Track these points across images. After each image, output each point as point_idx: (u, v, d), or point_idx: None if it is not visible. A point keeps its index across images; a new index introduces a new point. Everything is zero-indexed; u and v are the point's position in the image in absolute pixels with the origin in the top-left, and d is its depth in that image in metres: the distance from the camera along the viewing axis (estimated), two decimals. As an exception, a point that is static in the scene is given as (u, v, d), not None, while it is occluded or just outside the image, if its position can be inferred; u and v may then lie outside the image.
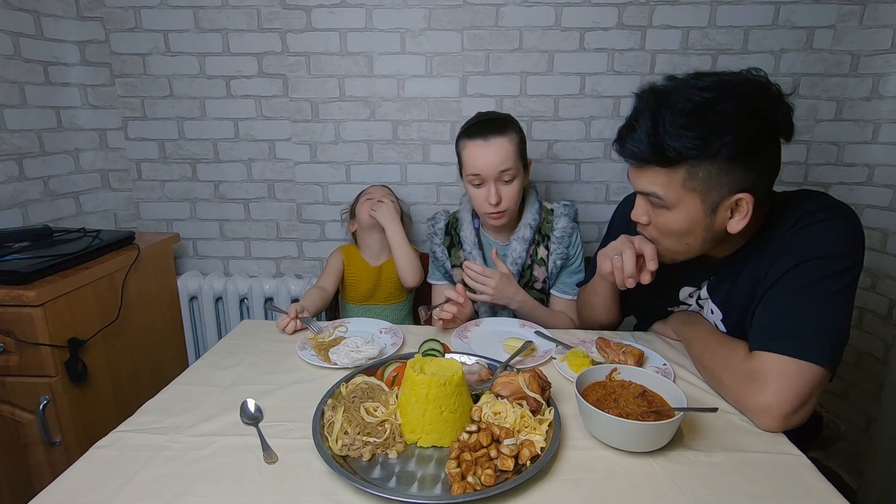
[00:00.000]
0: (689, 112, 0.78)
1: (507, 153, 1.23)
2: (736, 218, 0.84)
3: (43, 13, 1.60)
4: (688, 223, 0.86)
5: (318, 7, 1.65)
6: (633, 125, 0.84)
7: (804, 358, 0.78)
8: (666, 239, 0.91)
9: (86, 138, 1.75)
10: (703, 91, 0.79)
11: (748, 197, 0.81)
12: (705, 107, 0.77)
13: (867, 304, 1.71)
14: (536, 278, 1.34)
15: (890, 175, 1.65)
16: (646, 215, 0.91)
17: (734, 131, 0.77)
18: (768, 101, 0.80)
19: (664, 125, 0.79)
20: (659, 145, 0.80)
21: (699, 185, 0.81)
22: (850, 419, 1.75)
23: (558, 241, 1.32)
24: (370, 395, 0.82)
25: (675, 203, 0.84)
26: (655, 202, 0.87)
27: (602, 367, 0.84)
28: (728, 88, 0.79)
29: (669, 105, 0.79)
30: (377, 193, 1.62)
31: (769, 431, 0.79)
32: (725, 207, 0.83)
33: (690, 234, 0.87)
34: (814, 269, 0.81)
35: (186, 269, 1.90)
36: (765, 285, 0.86)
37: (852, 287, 0.82)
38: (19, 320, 1.18)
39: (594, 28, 1.64)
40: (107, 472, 0.69)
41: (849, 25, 1.60)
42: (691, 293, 1.05)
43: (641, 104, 0.84)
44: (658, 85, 0.85)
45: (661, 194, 0.84)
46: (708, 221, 0.85)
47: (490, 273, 1.23)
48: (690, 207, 0.84)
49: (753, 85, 0.80)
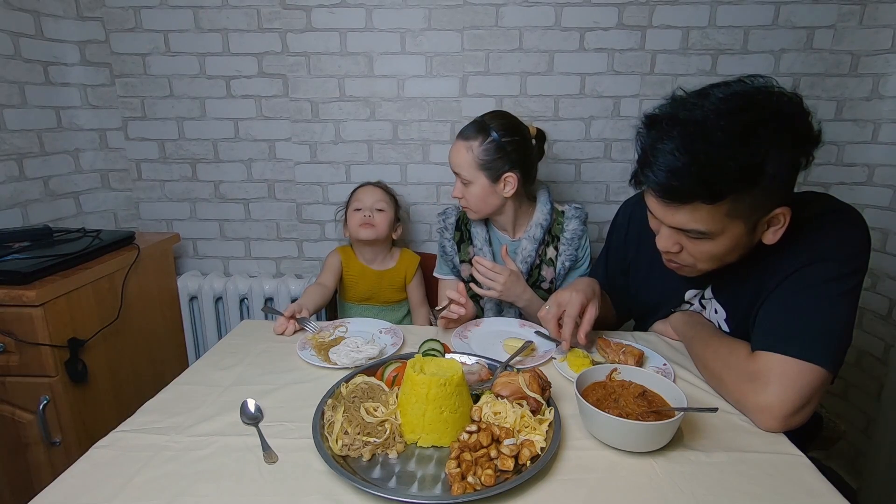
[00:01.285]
0: (731, 142, 0.72)
1: (462, 159, 1.29)
2: (772, 229, 0.82)
3: (43, 13, 1.60)
4: (732, 246, 0.82)
5: (318, 7, 1.65)
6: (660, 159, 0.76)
7: (806, 359, 0.78)
8: (703, 263, 0.87)
9: (86, 138, 1.75)
10: (732, 115, 0.73)
11: (786, 210, 0.79)
12: (746, 135, 0.72)
13: (867, 304, 1.71)
14: (544, 278, 1.35)
15: (890, 175, 1.65)
16: (677, 245, 0.86)
17: (780, 155, 0.73)
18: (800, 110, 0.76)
19: (709, 160, 0.72)
20: (704, 181, 0.74)
21: (744, 212, 0.78)
22: (850, 419, 1.75)
23: (568, 243, 1.33)
24: (370, 395, 0.82)
25: (718, 233, 0.80)
26: (694, 235, 0.82)
27: (602, 367, 0.84)
28: (759, 110, 0.73)
29: (705, 137, 0.73)
30: (368, 200, 1.56)
31: (770, 431, 0.78)
32: (764, 223, 0.81)
33: (730, 254, 0.85)
34: (820, 271, 0.81)
35: (186, 269, 1.90)
36: (770, 286, 0.86)
37: (857, 290, 0.82)
38: (19, 320, 1.18)
39: (594, 28, 1.64)
40: (107, 472, 0.69)
41: (849, 25, 1.60)
42: (695, 294, 1.05)
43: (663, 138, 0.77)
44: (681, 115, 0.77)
45: (705, 229, 0.79)
46: (748, 239, 0.83)
47: (499, 269, 1.23)
48: (734, 233, 0.80)
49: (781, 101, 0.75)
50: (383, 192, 1.60)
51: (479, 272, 1.24)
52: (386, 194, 1.61)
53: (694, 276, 0.93)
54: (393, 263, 1.64)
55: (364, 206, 1.56)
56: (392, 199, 1.61)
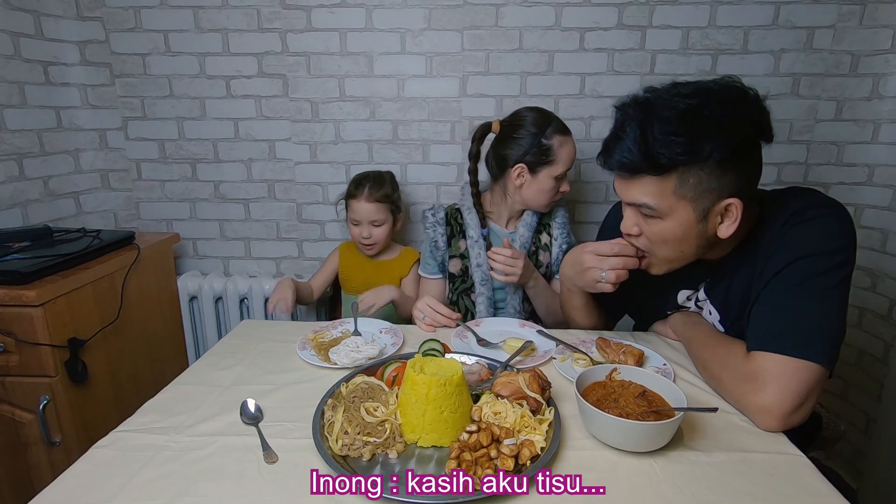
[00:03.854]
0: (676, 118, 0.79)
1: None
2: (726, 223, 0.85)
3: (43, 13, 1.60)
4: (681, 231, 0.86)
5: (318, 7, 1.65)
6: (619, 136, 0.85)
7: (802, 357, 0.78)
8: (660, 248, 0.91)
9: (86, 138, 1.75)
10: (686, 98, 0.80)
11: (737, 202, 0.83)
12: (692, 112, 0.79)
13: (867, 304, 1.71)
14: (541, 263, 1.43)
15: (890, 175, 1.65)
16: (636, 226, 0.92)
17: (723, 135, 0.79)
18: (750, 104, 0.82)
19: (653, 133, 0.80)
20: (650, 152, 0.80)
21: (690, 192, 0.82)
22: (850, 419, 1.75)
23: (561, 227, 1.43)
24: (370, 394, 0.82)
25: (667, 212, 0.85)
26: (647, 212, 0.87)
27: (602, 367, 0.84)
28: (710, 94, 0.81)
29: (655, 113, 0.81)
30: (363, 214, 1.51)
31: (769, 431, 0.79)
32: (715, 213, 0.84)
33: (684, 242, 0.88)
34: (807, 266, 0.82)
35: (186, 269, 1.90)
36: (759, 284, 0.86)
37: (846, 283, 0.83)
38: (19, 320, 1.18)
39: (594, 28, 1.64)
40: (107, 472, 0.69)
41: (849, 25, 1.60)
42: (689, 296, 1.05)
43: (625, 115, 0.85)
44: (640, 96, 0.86)
45: (653, 204, 0.85)
46: (700, 228, 0.85)
47: (517, 254, 1.28)
48: (683, 215, 0.85)
49: (734, 90, 0.82)
50: (378, 204, 1.52)
51: (499, 261, 1.28)
52: (380, 205, 1.53)
53: (658, 271, 0.95)
54: (392, 256, 1.65)
55: (361, 220, 1.53)
56: (388, 203, 1.55)
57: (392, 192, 1.58)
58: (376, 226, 1.54)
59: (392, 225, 1.58)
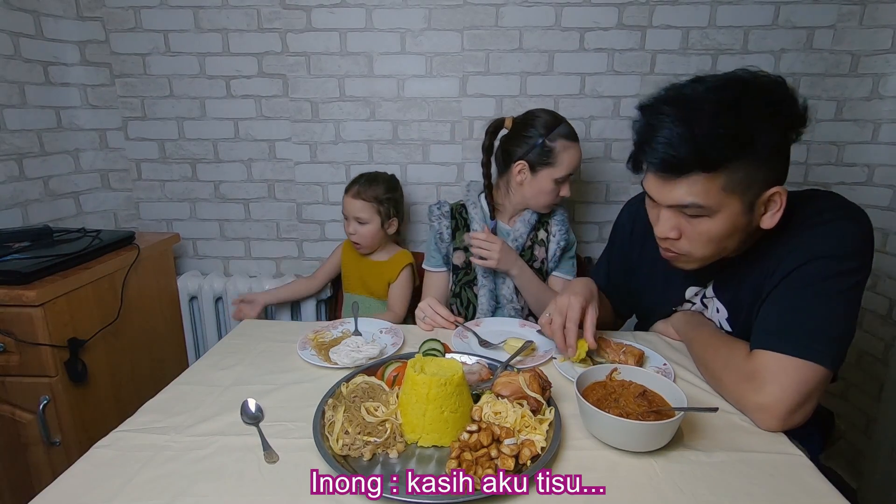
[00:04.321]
0: (722, 112, 0.75)
1: None
2: (770, 212, 0.82)
3: (43, 13, 1.60)
4: (729, 227, 0.82)
5: (318, 7, 1.65)
6: (656, 136, 0.79)
7: (803, 357, 0.77)
8: (702, 248, 0.86)
9: (86, 138, 1.75)
10: (720, 90, 0.77)
11: (782, 189, 0.80)
12: (736, 106, 0.76)
13: (867, 304, 1.71)
14: (536, 258, 1.45)
15: (890, 175, 1.65)
16: (675, 230, 0.86)
17: (770, 123, 0.76)
18: (785, 89, 0.79)
19: (700, 128, 0.75)
20: (699, 149, 0.76)
21: (739, 186, 0.78)
22: (850, 419, 1.75)
23: (560, 224, 1.45)
24: (371, 394, 0.82)
25: (716, 209, 0.80)
26: (693, 213, 0.82)
27: (602, 367, 0.84)
28: (745, 85, 0.78)
29: (698, 108, 0.76)
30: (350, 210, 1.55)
31: (769, 431, 0.78)
32: (760, 204, 0.81)
33: (729, 238, 0.84)
34: (819, 268, 0.81)
35: (186, 269, 1.90)
36: (770, 284, 0.86)
37: (858, 289, 0.82)
38: (19, 320, 1.18)
39: (594, 28, 1.64)
40: (107, 472, 0.69)
41: (849, 25, 1.60)
42: (697, 292, 1.05)
43: (659, 115, 0.79)
44: (668, 95, 0.81)
45: (702, 202, 0.79)
46: (746, 221, 0.83)
47: (493, 239, 1.32)
48: (731, 210, 0.80)
49: (763, 79, 0.79)
50: (363, 202, 1.54)
51: (475, 244, 1.33)
52: (366, 204, 1.54)
53: (690, 267, 0.92)
54: (384, 258, 1.65)
55: (348, 215, 1.58)
56: (374, 204, 1.55)
57: (383, 194, 1.57)
58: (361, 223, 1.56)
59: (380, 226, 1.57)
